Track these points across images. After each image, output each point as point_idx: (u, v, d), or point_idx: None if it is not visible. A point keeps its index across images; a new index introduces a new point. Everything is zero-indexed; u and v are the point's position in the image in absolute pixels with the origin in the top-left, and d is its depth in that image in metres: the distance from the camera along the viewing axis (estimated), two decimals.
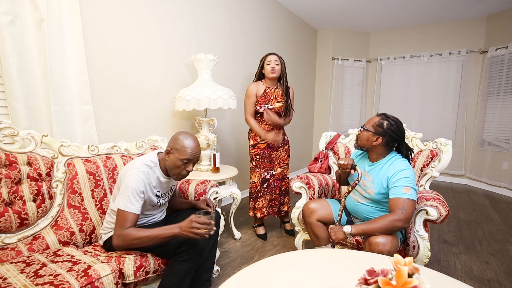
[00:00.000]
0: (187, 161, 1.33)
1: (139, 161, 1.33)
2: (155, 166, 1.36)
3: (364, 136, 1.51)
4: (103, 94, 1.94)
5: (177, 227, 1.18)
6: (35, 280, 0.98)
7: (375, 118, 1.50)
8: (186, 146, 1.31)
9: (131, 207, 1.21)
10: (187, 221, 1.16)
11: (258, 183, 2.32)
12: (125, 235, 1.18)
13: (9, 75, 1.43)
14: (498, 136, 3.92)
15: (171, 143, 1.34)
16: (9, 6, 1.40)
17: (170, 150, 1.34)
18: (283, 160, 2.37)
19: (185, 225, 1.16)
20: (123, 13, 2.01)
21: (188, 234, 1.15)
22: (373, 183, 1.50)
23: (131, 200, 1.21)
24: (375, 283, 0.66)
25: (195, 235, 1.14)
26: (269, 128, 2.27)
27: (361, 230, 1.33)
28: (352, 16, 4.27)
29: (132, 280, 1.17)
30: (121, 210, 1.21)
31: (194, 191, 1.68)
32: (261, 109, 2.23)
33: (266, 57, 2.25)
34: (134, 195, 1.22)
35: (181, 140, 1.32)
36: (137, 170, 1.27)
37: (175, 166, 1.33)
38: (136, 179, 1.24)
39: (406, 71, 4.75)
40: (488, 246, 2.33)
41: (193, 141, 1.34)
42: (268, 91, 2.25)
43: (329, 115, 5.07)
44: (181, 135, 1.35)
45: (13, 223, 1.25)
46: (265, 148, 2.29)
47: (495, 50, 3.92)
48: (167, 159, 1.35)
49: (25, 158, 1.34)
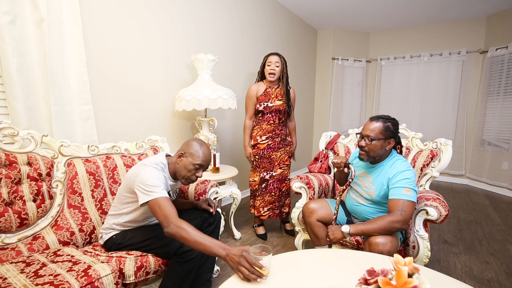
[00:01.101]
0: (199, 167, 1.35)
1: (150, 161, 1.31)
2: (164, 167, 1.35)
3: (376, 146, 1.43)
4: (103, 94, 1.94)
5: (225, 251, 1.03)
6: (35, 280, 0.98)
7: (375, 124, 1.44)
8: (200, 151, 1.34)
9: (157, 192, 1.16)
10: (238, 250, 1.00)
11: (258, 182, 2.31)
12: (182, 228, 1.09)
13: (9, 75, 1.43)
14: (498, 136, 3.92)
15: (185, 147, 1.36)
16: (9, 6, 1.40)
17: (183, 153, 1.35)
18: (283, 161, 2.33)
19: (235, 253, 1.00)
20: (123, 13, 2.01)
21: (233, 266, 0.99)
22: (373, 184, 1.50)
23: (153, 189, 1.17)
24: (375, 283, 0.66)
25: (238, 272, 0.97)
26: (270, 128, 2.26)
27: (359, 230, 1.33)
28: (352, 16, 4.27)
29: (132, 281, 1.17)
30: (150, 202, 1.15)
31: (194, 191, 1.68)
32: (261, 107, 2.22)
33: (268, 57, 2.24)
34: (154, 184, 1.18)
35: (196, 145, 1.36)
36: (151, 167, 1.26)
37: (186, 169, 1.34)
38: (154, 172, 1.23)
39: (406, 71, 4.75)
40: (488, 246, 2.33)
41: (207, 149, 1.38)
42: (268, 90, 2.25)
43: (329, 115, 5.07)
44: (196, 141, 1.38)
45: (13, 223, 1.25)
46: (264, 149, 2.27)
47: (495, 50, 3.92)
48: (178, 162, 1.36)
49: (25, 158, 1.34)
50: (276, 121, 2.27)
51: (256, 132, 2.29)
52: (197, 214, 1.51)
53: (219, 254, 1.04)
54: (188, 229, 1.09)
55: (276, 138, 2.28)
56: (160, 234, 1.28)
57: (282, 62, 2.23)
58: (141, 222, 1.39)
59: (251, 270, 0.95)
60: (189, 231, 1.08)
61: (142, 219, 1.38)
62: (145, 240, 1.28)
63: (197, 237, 1.07)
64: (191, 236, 1.07)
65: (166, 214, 1.12)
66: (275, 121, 2.27)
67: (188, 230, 1.08)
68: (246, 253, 0.98)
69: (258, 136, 2.27)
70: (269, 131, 2.26)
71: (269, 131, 2.26)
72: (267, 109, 2.22)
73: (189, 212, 1.53)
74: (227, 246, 1.05)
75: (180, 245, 1.23)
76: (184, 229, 1.09)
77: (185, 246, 1.22)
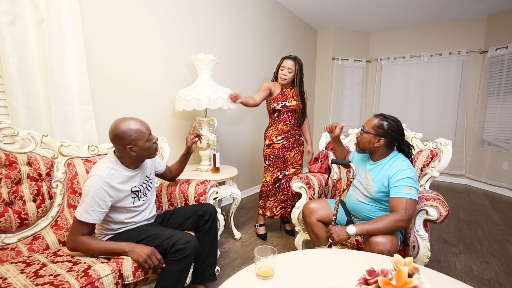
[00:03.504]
0: (148, 136, 1.30)
1: (99, 166, 1.27)
2: (116, 165, 1.30)
3: (365, 139, 1.50)
4: (103, 94, 1.94)
5: (130, 247, 1.20)
6: (35, 280, 0.98)
7: (374, 119, 1.49)
8: (134, 129, 1.26)
9: (87, 217, 1.17)
10: (147, 248, 1.20)
11: (270, 183, 2.33)
12: (78, 242, 1.18)
13: (9, 75, 1.43)
14: (498, 136, 3.92)
15: (123, 141, 1.25)
16: (9, 6, 1.40)
17: (131, 146, 1.27)
18: (296, 161, 2.36)
19: (143, 250, 1.19)
20: (123, 13, 2.01)
21: (140, 259, 1.17)
22: (374, 181, 1.50)
23: (88, 210, 1.17)
24: (375, 283, 0.66)
25: (145, 264, 1.18)
26: (286, 128, 2.29)
27: (365, 230, 1.32)
28: (352, 16, 4.27)
29: (131, 281, 1.16)
30: (76, 218, 1.18)
31: (194, 191, 1.68)
32: (278, 106, 2.25)
33: (283, 61, 2.27)
34: (91, 204, 1.17)
35: (127, 130, 1.25)
36: (97, 177, 1.21)
37: (145, 148, 1.30)
38: (95, 186, 1.19)
39: (406, 71, 4.75)
40: (488, 246, 2.33)
41: (132, 121, 1.28)
42: (285, 90, 2.30)
43: (329, 115, 5.07)
44: (122, 128, 1.24)
45: (13, 223, 1.25)
46: (279, 148, 2.29)
47: (495, 50, 3.92)
48: (134, 153, 1.29)
49: (25, 158, 1.34)
50: (292, 121, 2.31)
51: (272, 132, 2.32)
52: (191, 212, 1.50)
53: (124, 250, 1.19)
54: (88, 241, 1.19)
55: (291, 138, 2.32)
56: (153, 235, 1.29)
57: (296, 68, 2.24)
58: (128, 224, 1.37)
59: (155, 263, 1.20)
60: (89, 242, 1.18)
61: (127, 220, 1.36)
62: (138, 241, 1.27)
63: (99, 245, 1.20)
64: (92, 245, 1.18)
65: (77, 235, 1.18)
66: (291, 121, 2.31)
67: (88, 242, 1.18)
68: (156, 251, 1.21)
69: (274, 136, 2.30)
70: (284, 132, 2.30)
71: (284, 132, 2.30)
72: (284, 108, 2.26)
73: (184, 210, 1.53)
74: (131, 244, 1.22)
75: (172, 243, 1.23)
76: (84, 242, 1.18)
77: (178, 244, 1.22)
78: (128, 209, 1.35)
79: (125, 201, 1.33)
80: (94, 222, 1.19)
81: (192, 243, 1.25)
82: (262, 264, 0.98)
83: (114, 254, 1.21)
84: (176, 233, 1.30)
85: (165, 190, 1.73)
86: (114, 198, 1.26)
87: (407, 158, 1.50)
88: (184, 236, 1.26)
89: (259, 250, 1.01)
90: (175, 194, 1.70)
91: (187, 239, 1.25)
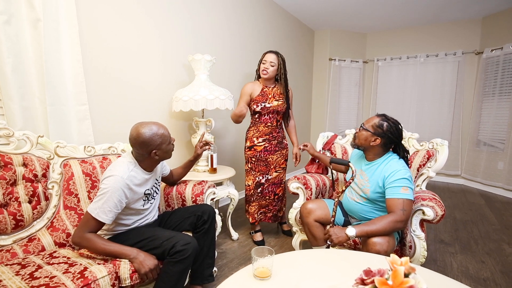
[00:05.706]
0: (169, 139, 1.37)
1: (119, 166, 1.27)
2: (135, 166, 1.32)
3: (362, 135, 1.50)
4: (100, 95, 1.93)
5: (134, 253, 1.18)
6: (31, 282, 0.97)
7: (375, 118, 1.49)
8: (159, 134, 1.30)
9: (103, 216, 1.17)
10: (152, 260, 1.19)
11: (252, 187, 2.23)
12: (85, 238, 1.16)
13: (5, 75, 1.41)
14: (494, 136, 3.95)
15: (148, 147, 1.28)
16: (4, 5, 1.39)
17: (155, 151, 1.30)
18: (279, 164, 2.27)
19: (147, 262, 1.18)
20: (120, 13, 2.00)
21: (142, 270, 1.16)
22: (369, 182, 1.51)
23: (105, 210, 1.17)
24: (372, 283, 0.66)
25: (144, 276, 1.18)
26: (267, 130, 2.20)
27: (363, 232, 1.31)
28: (349, 16, 4.29)
29: (128, 284, 1.15)
30: (90, 215, 1.17)
31: (191, 192, 1.68)
32: (258, 108, 2.16)
33: (264, 55, 2.18)
34: (109, 205, 1.18)
35: (153, 136, 1.27)
36: (118, 178, 1.21)
37: (167, 151, 1.37)
38: (116, 186, 1.19)
39: (402, 71, 4.78)
40: (484, 245, 2.34)
41: (155, 126, 1.30)
42: (265, 90, 2.19)
43: (326, 116, 5.08)
44: (146, 134, 1.26)
45: (8, 224, 1.24)
46: (261, 151, 2.21)
47: (490, 51, 3.95)
48: (157, 157, 1.32)
49: (21, 159, 1.33)
50: (273, 123, 2.22)
51: (253, 134, 2.23)
52: (190, 212, 1.50)
53: (130, 257, 1.17)
54: (95, 240, 1.16)
55: (273, 140, 2.23)
56: (152, 236, 1.29)
57: (279, 61, 2.15)
58: (131, 226, 1.38)
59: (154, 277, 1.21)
60: (96, 241, 1.16)
61: (131, 223, 1.37)
62: (137, 242, 1.27)
63: (106, 246, 1.17)
64: (99, 245, 1.16)
65: (87, 231, 1.17)
66: (272, 123, 2.21)
67: (95, 241, 1.16)
68: (158, 265, 1.22)
69: (255, 138, 2.21)
70: (266, 134, 2.20)
71: (266, 134, 2.20)
72: (264, 110, 2.16)
73: (182, 211, 1.53)
74: (138, 251, 1.20)
75: (172, 245, 1.22)
76: (91, 240, 1.16)
77: (177, 246, 1.22)
78: (137, 211, 1.36)
79: (137, 203, 1.34)
80: (108, 222, 1.19)
81: (191, 244, 1.25)
82: (259, 265, 0.98)
83: (117, 257, 1.19)
84: (176, 234, 1.29)
85: (162, 191, 1.72)
86: (129, 199, 1.27)
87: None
88: (183, 238, 1.26)
89: (256, 250, 1.01)
90: (172, 195, 1.69)
91: (187, 241, 1.25)
